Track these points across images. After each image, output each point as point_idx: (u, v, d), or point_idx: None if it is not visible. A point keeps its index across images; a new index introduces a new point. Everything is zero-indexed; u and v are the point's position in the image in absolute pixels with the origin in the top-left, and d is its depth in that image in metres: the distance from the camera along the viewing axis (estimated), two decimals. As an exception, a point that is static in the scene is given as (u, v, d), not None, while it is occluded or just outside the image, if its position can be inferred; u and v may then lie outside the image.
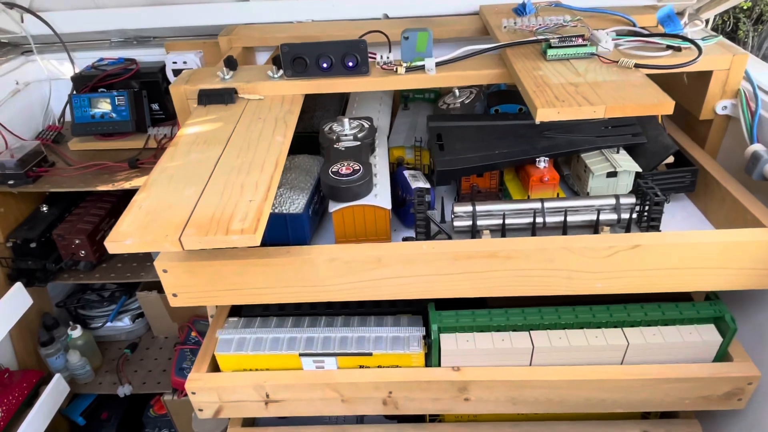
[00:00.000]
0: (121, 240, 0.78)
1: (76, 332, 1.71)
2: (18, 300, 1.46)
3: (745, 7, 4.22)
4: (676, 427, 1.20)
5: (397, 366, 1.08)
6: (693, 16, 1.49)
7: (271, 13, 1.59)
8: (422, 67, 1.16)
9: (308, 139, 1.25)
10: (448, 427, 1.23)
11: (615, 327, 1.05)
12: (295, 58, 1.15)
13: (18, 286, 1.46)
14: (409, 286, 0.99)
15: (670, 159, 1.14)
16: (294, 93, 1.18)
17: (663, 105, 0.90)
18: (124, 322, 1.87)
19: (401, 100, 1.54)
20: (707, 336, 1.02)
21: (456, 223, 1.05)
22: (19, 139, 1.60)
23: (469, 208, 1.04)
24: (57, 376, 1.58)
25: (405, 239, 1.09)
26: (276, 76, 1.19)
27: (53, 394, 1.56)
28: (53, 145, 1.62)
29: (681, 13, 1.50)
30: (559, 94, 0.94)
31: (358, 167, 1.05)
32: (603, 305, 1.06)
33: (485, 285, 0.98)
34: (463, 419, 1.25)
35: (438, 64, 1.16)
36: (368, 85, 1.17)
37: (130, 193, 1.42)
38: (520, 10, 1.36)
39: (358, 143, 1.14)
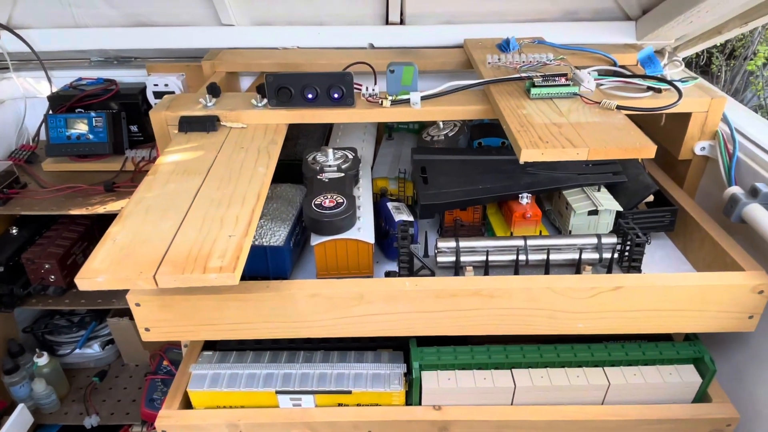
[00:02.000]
0: (92, 277, 0.75)
1: (43, 360, 1.64)
2: (-20, 327, 1.40)
3: (718, 44, 4.38)
4: (656, 467, 1.19)
5: (377, 404, 1.05)
6: (671, 54, 1.54)
7: (257, 38, 1.59)
8: (407, 101, 1.16)
9: (291, 167, 1.24)
10: (427, 465, 1.21)
11: (596, 366, 1.04)
12: (279, 88, 1.15)
13: (-19, 313, 1.40)
14: (392, 323, 0.97)
15: (650, 198, 1.16)
16: (278, 122, 1.17)
17: (645, 149, 0.91)
18: (94, 349, 1.81)
19: (385, 129, 1.54)
20: (687, 377, 1.02)
21: (439, 259, 1.05)
22: (-9, 158, 1.55)
23: (453, 244, 1.04)
24: (20, 406, 1.51)
25: (387, 273, 1.08)
26: (260, 104, 1.18)
27: (16, 425, 1.48)
28: (26, 166, 1.58)
29: (660, 52, 1.54)
30: (543, 134, 0.94)
31: (341, 200, 1.04)
32: (584, 344, 1.06)
33: (468, 323, 0.97)
34: (442, 457, 1.23)
35: (423, 98, 1.17)
36: (353, 117, 1.17)
37: (104, 217, 1.39)
38: (504, 47, 1.38)
39: (342, 175, 1.13)
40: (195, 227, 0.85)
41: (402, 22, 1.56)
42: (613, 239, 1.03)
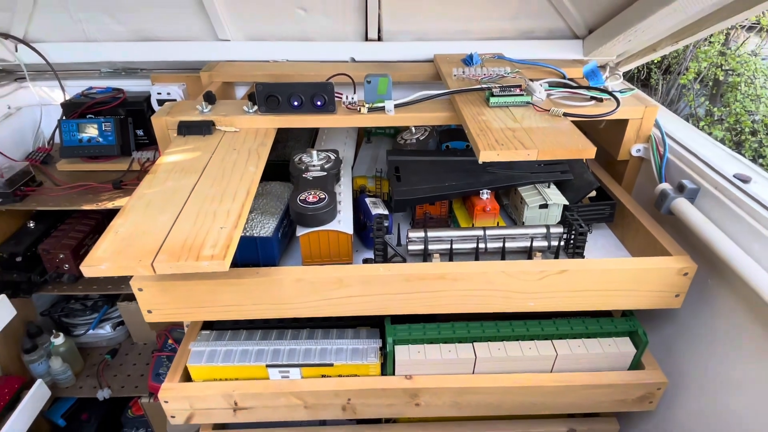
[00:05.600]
0: (96, 264, 0.74)
1: (59, 339, 1.61)
2: (1, 311, 1.36)
3: (656, 61, 4.45)
4: (598, 425, 1.21)
5: (355, 375, 1.05)
6: (613, 69, 1.55)
7: (250, 52, 1.56)
8: (383, 108, 1.15)
9: (280, 167, 1.23)
10: (401, 427, 1.21)
11: (546, 339, 1.05)
12: (268, 96, 1.13)
13: (2, 298, 1.36)
14: (368, 304, 0.97)
15: (593, 193, 1.16)
16: (267, 127, 1.16)
17: (586, 150, 0.92)
18: (106, 330, 1.77)
19: (365, 134, 1.53)
20: (623, 348, 1.04)
21: (410, 247, 1.04)
22: (10, 159, 1.51)
23: (422, 234, 1.03)
24: (38, 381, 1.48)
25: (365, 260, 1.07)
26: (251, 111, 1.16)
27: (35, 399, 1.46)
28: (42, 166, 1.54)
29: (603, 67, 1.55)
30: (499, 138, 0.94)
31: (324, 196, 1.03)
32: (535, 320, 1.07)
33: (435, 303, 0.97)
34: (414, 420, 1.23)
35: (396, 106, 1.16)
36: (334, 122, 1.16)
37: (113, 212, 1.35)
38: (468, 61, 1.37)
39: (325, 173, 1.12)
40: (190, 220, 0.83)
41: (380, 39, 1.54)
42: (560, 229, 1.04)
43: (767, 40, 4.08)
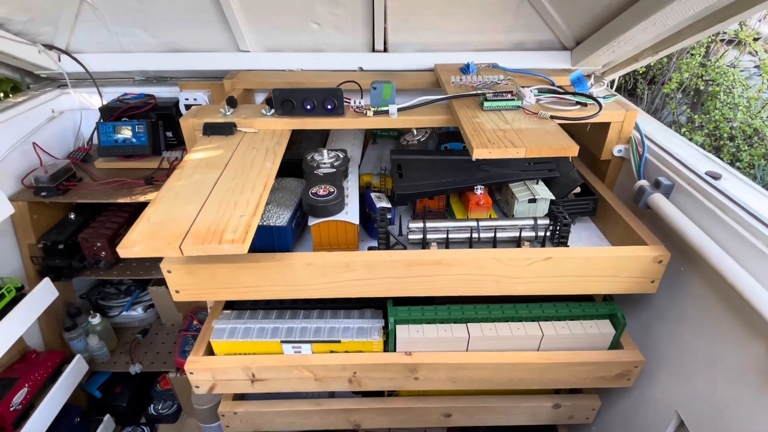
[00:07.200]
0: (130, 247, 0.76)
1: (96, 320, 1.64)
2: (45, 293, 1.39)
3: (641, 71, 4.41)
4: (580, 400, 1.22)
5: (360, 351, 1.07)
6: (598, 78, 1.55)
7: (268, 62, 1.59)
8: (387, 112, 1.16)
9: (295, 165, 1.25)
10: (402, 400, 1.23)
11: (533, 321, 1.06)
12: (284, 101, 1.15)
13: (45, 281, 1.40)
14: (372, 287, 0.99)
15: (578, 189, 1.17)
16: (282, 128, 1.18)
17: (570, 149, 0.93)
18: (137, 312, 1.81)
19: (371, 135, 1.54)
20: (604, 329, 1.05)
21: (410, 237, 1.06)
22: (53, 158, 1.54)
23: (421, 225, 1.05)
24: (77, 356, 1.51)
25: (369, 248, 1.09)
26: (268, 114, 1.19)
27: (74, 372, 1.49)
28: (82, 164, 1.57)
29: (590, 76, 1.55)
30: (491, 137, 0.96)
31: (333, 190, 1.05)
32: (524, 304, 1.08)
33: (432, 286, 0.99)
34: (414, 394, 1.25)
35: (399, 110, 1.17)
36: (343, 124, 1.17)
37: (145, 205, 1.38)
38: (465, 69, 1.39)
39: (335, 170, 1.14)
40: (213, 209, 0.86)
41: (385, 50, 1.56)
42: (547, 221, 1.05)
43: (744, 53, 4.04)
